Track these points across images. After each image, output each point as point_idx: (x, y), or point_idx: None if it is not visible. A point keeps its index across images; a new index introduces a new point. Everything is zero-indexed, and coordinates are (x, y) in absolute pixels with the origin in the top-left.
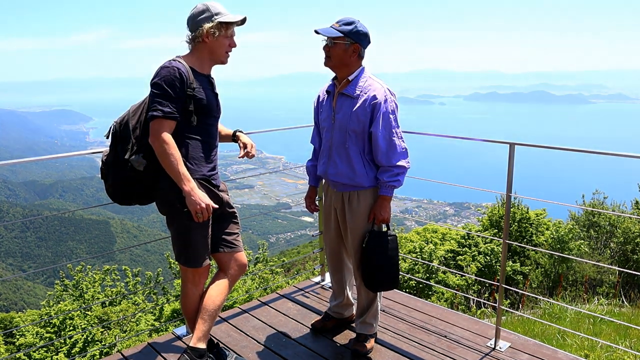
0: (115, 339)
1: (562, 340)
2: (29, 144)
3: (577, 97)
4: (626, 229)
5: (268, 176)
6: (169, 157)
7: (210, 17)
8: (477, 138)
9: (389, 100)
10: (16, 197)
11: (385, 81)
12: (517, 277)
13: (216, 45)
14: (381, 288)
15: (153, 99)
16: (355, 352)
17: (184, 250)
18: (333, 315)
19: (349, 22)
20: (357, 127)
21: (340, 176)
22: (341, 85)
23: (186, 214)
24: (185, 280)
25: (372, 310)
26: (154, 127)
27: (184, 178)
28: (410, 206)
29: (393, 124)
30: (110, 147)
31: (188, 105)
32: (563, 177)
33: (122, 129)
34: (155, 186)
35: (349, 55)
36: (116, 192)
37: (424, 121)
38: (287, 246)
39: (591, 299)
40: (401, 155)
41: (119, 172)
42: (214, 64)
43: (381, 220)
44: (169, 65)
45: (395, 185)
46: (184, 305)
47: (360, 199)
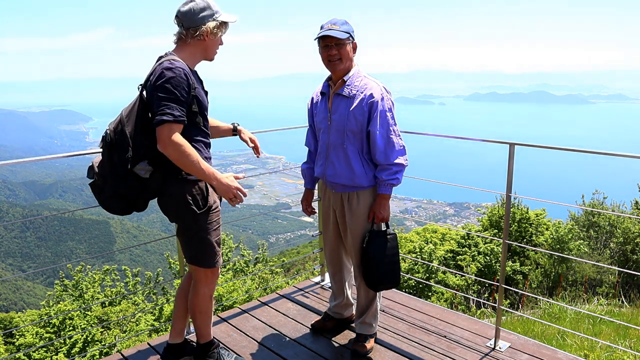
0: (115, 339)
1: (562, 340)
2: (29, 144)
3: (577, 97)
4: (626, 229)
5: (268, 176)
6: (188, 157)
7: (212, 15)
8: (477, 138)
9: (386, 99)
10: (16, 197)
11: (385, 81)
12: (517, 277)
13: (213, 44)
14: (382, 287)
15: (159, 102)
16: (354, 352)
17: (203, 251)
18: (333, 316)
19: (345, 23)
20: (355, 127)
21: (339, 177)
22: (336, 86)
23: (204, 215)
24: (198, 281)
25: (371, 311)
26: (164, 132)
27: (209, 172)
28: (410, 206)
29: (390, 122)
30: (105, 157)
31: (193, 107)
32: (563, 177)
33: (117, 137)
34: (162, 192)
35: (352, 54)
36: (118, 203)
37: (424, 121)
38: (286, 246)
39: (591, 299)
40: (399, 153)
41: (120, 183)
42: (201, 61)
43: (381, 219)
44: (173, 66)
45: (394, 183)
46: (195, 305)
47: (360, 199)
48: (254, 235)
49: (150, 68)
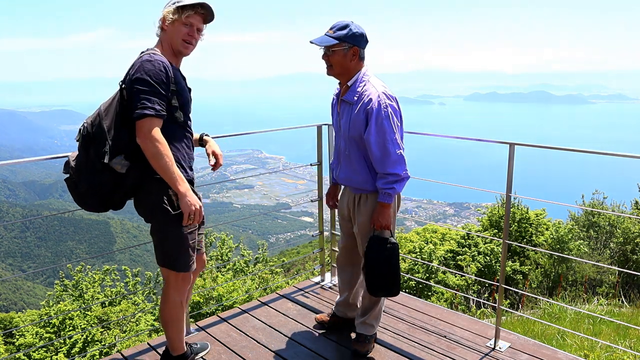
0: (115, 339)
1: (562, 340)
2: (29, 144)
3: (577, 97)
4: (626, 229)
5: (268, 176)
6: (163, 157)
7: (173, 2)
8: (477, 138)
9: (383, 105)
10: (16, 197)
11: (385, 81)
12: (517, 277)
13: (173, 32)
14: (380, 294)
15: (139, 95)
16: (355, 352)
17: (175, 255)
18: (337, 314)
19: (343, 27)
20: (355, 134)
21: (349, 180)
22: (342, 91)
23: (176, 217)
24: (168, 286)
25: (374, 312)
26: (145, 126)
27: (179, 179)
28: (410, 206)
29: (387, 130)
30: (81, 150)
31: (173, 102)
32: (563, 177)
33: (94, 130)
34: (138, 189)
35: (349, 60)
36: (92, 199)
37: (424, 121)
38: (286, 246)
39: (591, 299)
40: (396, 163)
41: (95, 177)
42: (176, 55)
43: (379, 226)
44: (152, 58)
45: (391, 193)
46: (164, 312)
47: (369, 202)
48: (254, 235)
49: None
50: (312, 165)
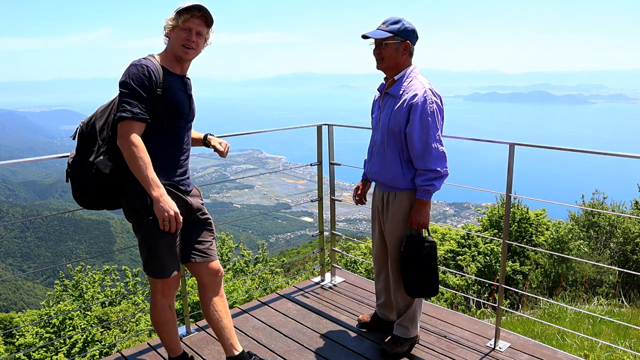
0: (115, 339)
1: (562, 340)
2: (29, 144)
3: (577, 97)
4: (626, 229)
5: (268, 176)
6: (137, 160)
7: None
8: (477, 138)
9: (429, 101)
10: (16, 197)
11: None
12: (517, 277)
13: (174, 38)
14: (419, 295)
15: (121, 99)
16: (383, 351)
17: (151, 261)
18: (379, 315)
19: (396, 21)
20: (395, 127)
21: (379, 175)
22: (387, 84)
23: (153, 222)
24: (154, 290)
25: (408, 314)
26: (123, 128)
27: (153, 184)
28: None
29: (431, 126)
30: (77, 149)
31: (158, 106)
32: (563, 177)
33: (88, 129)
34: (122, 191)
35: (400, 54)
36: (83, 195)
37: None
38: (286, 246)
39: (591, 299)
40: (437, 159)
41: (85, 174)
42: (179, 61)
43: (417, 224)
44: (139, 63)
45: (430, 190)
46: (153, 317)
47: (397, 200)
48: (254, 235)
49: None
50: (312, 165)
